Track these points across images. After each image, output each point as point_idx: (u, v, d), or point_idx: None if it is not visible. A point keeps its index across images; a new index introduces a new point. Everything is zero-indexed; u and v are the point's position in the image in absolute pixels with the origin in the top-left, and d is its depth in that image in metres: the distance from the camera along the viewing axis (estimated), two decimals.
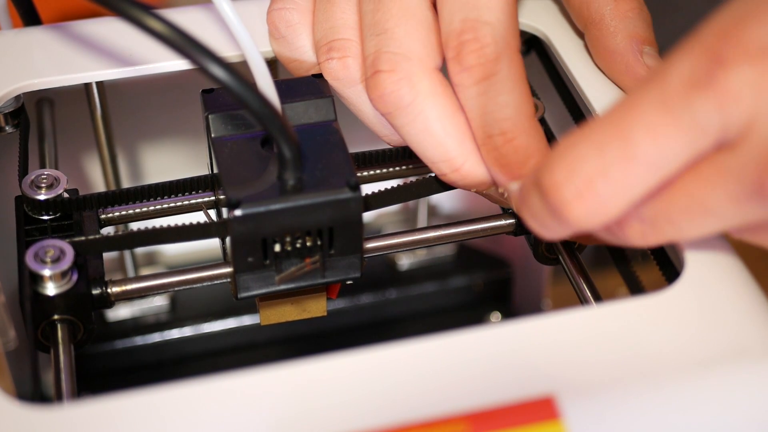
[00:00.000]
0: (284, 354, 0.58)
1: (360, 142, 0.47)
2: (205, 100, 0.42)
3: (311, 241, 0.41)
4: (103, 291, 0.41)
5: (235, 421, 0.34)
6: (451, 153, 0.41)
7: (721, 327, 0.36)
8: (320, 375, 0.35)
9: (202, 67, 0.37)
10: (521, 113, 0.40)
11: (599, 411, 0.34)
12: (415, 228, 0.45)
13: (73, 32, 0.46)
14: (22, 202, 0.43)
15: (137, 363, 0.57)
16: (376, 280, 0.60)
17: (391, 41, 0.41)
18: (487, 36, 0.40)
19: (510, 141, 0.40)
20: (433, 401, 0.34)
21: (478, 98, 0.40)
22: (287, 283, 0.41)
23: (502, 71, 0.40)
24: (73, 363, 0.40)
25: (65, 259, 0.40)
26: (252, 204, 0.39)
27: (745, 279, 0.38)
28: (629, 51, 0.43)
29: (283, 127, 0.38)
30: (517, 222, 0.44)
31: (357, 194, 0.40)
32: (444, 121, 0.40)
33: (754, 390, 0.35)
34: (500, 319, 0.61)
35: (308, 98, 0.42)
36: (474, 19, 0.40)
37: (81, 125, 0.52)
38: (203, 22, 0.46)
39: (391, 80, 0.40)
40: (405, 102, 0.40)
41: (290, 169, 0.39)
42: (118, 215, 0.44)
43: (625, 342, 0.36)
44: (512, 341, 0.36)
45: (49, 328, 0.41)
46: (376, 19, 0.41)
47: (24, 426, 0.34)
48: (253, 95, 0.37)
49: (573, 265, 0.43)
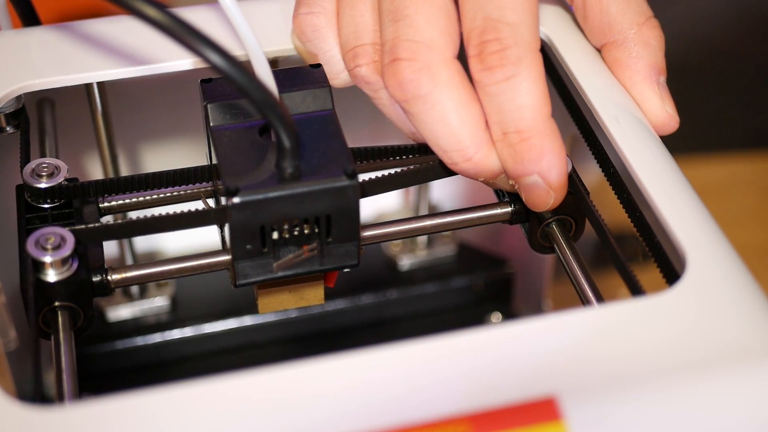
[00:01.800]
0: (285, 354, 0.58)
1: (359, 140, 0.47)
2: (204, 90, 0.43)
3: (309, 229, 0.41)
4: (103, 278, 0.41)
5: (236, 422, 0.34)
6: (464, 143, 0.41)
7: (723, 328, 0.36)
8: (321, 376, 0.35)
9: (202, 56, 0.37)
10: (539, 114, 0.40)
11: (601, 412, 0.34)
12: (412, 216, 0.46)
13: (74, 32, 0.46)
14: (23, 191, 0.43)
15: (138, 363, 0.57)
16: (376, 281, 0.60)
17: (411, 29, 0.41)
18: (509, 38, 0.40)
19: (525, 140, 0.40)
20: (435, 402, 0.34)
21: (497, 97, 0.40)
22: (285, 270, 0.42)
23: (522, 73, 0.40)
24: (74, 360, 0.40)
25: (66, 246, 0.40)
26: (250, 191, 0.39)
27: (746, 280, 0.38)
28: (648, 80, 0.44)
29: (282, 116, 0.39)
30: (513, 211, 0.44)
31: (354, 182, 0.40)
32: (460, 112, 0.41)
33: (755, 391, 0.35)
34: (501, 319, 0.61)
35: (306, 88, 0.43)
36: (496, 19, 0.40)
37: (82, 125, 0.52)
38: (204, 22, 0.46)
39: (411, 69, 0.41)
40: (424, 91, 0.41)
41: (288, 157, 0.40)
42: (117, 204, 0.45)
43: (626, 343, 0.36)
44: (514, 342, 0.36)
45: (50, 315, 0.41)
46: (395, 5, 0.41)
47: (25, 427, 0.34)
48: (252, 83, 0.38)
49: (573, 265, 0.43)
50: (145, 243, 0.59)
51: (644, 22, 0.44)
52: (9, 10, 0.48)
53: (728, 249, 0.39)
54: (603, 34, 0.45)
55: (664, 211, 0.40)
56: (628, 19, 0.44)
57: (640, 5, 0.44)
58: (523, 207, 0.44)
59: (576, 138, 0.49)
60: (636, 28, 0.44)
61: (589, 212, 0.43)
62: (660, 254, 0.41)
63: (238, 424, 0.34)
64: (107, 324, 0.58)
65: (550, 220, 0.44)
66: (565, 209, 0.44)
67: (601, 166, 0.44)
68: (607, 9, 0.44)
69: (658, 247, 0.41)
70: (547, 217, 0.44)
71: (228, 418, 0.34)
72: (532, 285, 0.61)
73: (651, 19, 0.45)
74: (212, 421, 0.34)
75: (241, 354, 0.58)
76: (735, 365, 0.36)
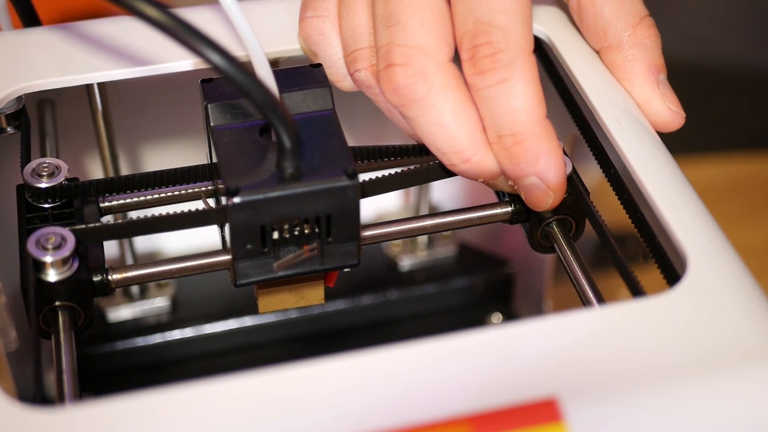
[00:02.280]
0: (285, 355, 0.58)
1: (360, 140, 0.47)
2: (204, 90, 0.43)
3: (309, 229, 0.41)
4: (103, 278, 0.41)
5: (236, 423, 0.34)
6: (461, 145, 0.41)
7: (724, 329, 0.36)
8: (321, 377, 0.35)
9: (203, 56, 0.37)
10: (533, 116, 0.40)
11: (602, 413, 0.34)
12: (413, 216, 0.46)
13: (75, 33, 0.46)
14: (24, 191, 0.43)
15: (138, 364, 0.57)
16: (377, 281, 0.60)
17: (404, 33, 0.41)
18: (501, 42, 0.40)
19: (520, 143, 0.40)
20: (435, 403, 0.34)
21: (490, 100, 0.40)
22: (285, 270, 0.42)
23: (515, 76, 0.40)
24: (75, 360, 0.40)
25: (66, 246, 0.40)
26: (251, 191, 0.39)
27: (747, 281, 0.38)
28: (648, 80, 0.44)
29: (283, 116, 0.39)
30: (513, 210, 0.44)
31: (354, 182, 0.40)
32: (456, 114, 0.41)
33: (756, 392, 0.35)
34: (501, 320, 0.61)
35: (306, 88, 0.43)
36: (488, 22, 0.40)
37: (82, 126, 0.52)
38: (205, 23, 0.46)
39: (405, 74, 0.41)
40: (419, 95, 0.41)
41: (289, 157, 0.40)
42: (118, 204, 0.45)
43: (627, 344, 0.36)
44: (515, 343, 0.36)
45: (51, 315, 0.41)
46: (388, 9, 0.42)
47: (25, 428, 0.34)
48: (253, 83, 0.38)
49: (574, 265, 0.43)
50: (145, 243, 0.59)
51: (638, 23, 0.44)
52: (9, 11, 0.48)
53: (729, 250, 0.39)
54: (598, 37, 0.45)
55: (664, 211, 0.40)
56: (622, 21, 0.44)
57: (634, 5, 0.44)
58: (523, 207, 0.44)
59: (577, 139, 0.49)
60: (630, 30, 0.44)
61: (589, 212, 0.43)
62: (660, 255, 0.41)
63: (238, 425, 0.34)
64: (108, 325, 0.58)
65: (550, 219, 0.44)
66: (565, 209, 0.44)
67: (602, 166, 0.44)
68: (600, 12, 0.44)
69: (659, 247, 0.41)
70: (547, 217, 0.44)
71: (228, 419, 0.34)
72: (532, 285, 0.61)
73: (645, 18, 0.44)
74: (213, 422, 0.34)
75: (241, 355, 0.58)
76: (736, 366, 0.35)
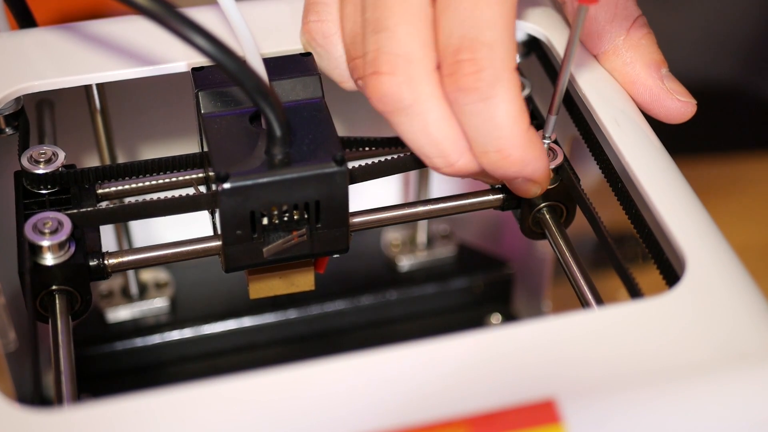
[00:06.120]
0: (284, 355, 0.58)
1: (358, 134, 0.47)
2: (195, 78, 0.43)
3: (298, 215, 0.41)
4: (100, 262, 0.42)
5: (235, 424, 0.34)
6: (446, 151, 0.41)
7: (723, 330, 0.36)
8: (320, 378, 0.35)
9: (193, 42, 0.38)
10: (516, 129, 0.40)
11: (600, 414, 0.34)
12: (403, 203, 0.46)
13: (73, 33, 0.46)
14: (21, 177, 0.44)
15: (137, 364, 0.57)
16: (376, 281, 0.60)
17: (391, 41, 0.41)
18: (485, 59, 0.39)
19: (506, 157, 0.40)
20: (434, 404, 0.34)
21: (473, 117, 0.40)
22: (275, 255, 0.42)
23: (499, 95, 0.39)
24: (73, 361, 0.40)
25: (63, 230, 0.41)
26: (240, 177, 0.40)
27: (746, 282, 0.38)
28: (650, 79, 0.44)
29: (273, 103, 0.39)
30: (505, 197, 0.45)
31: (343, 168, 0.41)
32: (442, 123, 0.41)
33: (754, 394, 0.35)
34: (500, 320, 0.61)
35: (296, 76, 0.43)
36: (472, 38, 0.39)
37: (81, 126, 0.52)
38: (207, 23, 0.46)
39: (391, 83, 0.40)
40: (405, 104, 0.40)
41: (278, 144, 0.40)
42: (114, 191, 0.45)
43: (626, 345, 0.36)
44: (513, 344, 0.36)
45: (48, 299, 0.41)
46: (376, 15, 0.41)
47: (24, 429, 0.34)
48: (244, 70, 0.38)
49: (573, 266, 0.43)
50: (142, 236, 0.59)
51: (631, 25, 0.44)
52: (6, 13, 0.48)
53: (728, 250, 0.39)
54: (594, 43, 0.45)
55: (663, 212, 0.40)
56: (615, 26, 0.44)
57: (626, 8, 0.44)
58: (514, 194, 0.44)
59: (576, 139, 0.49)
60: (624, 34, 0.44)
61: (579, 199, 0.44)
62: (660, 256, 0.41)
63: (237, 425, 0.34)
64: (107, 325, 0.58)
65: (541, 206, 0.45)
66: (555, 196, 0.44)
67: (601, 167, 0.44)
68: (594, 17, 0.44)
69: (658, 248, 0.41)
70: (538, 204, 0.45)
71: (227, 420, 0.34)
72: (531, 286, 0.61)
73: (638, 19, 0.44)
74: (212, 423, 0.34)
75: (240, 355, 0.58)
76: (734, 367, 0.35)
